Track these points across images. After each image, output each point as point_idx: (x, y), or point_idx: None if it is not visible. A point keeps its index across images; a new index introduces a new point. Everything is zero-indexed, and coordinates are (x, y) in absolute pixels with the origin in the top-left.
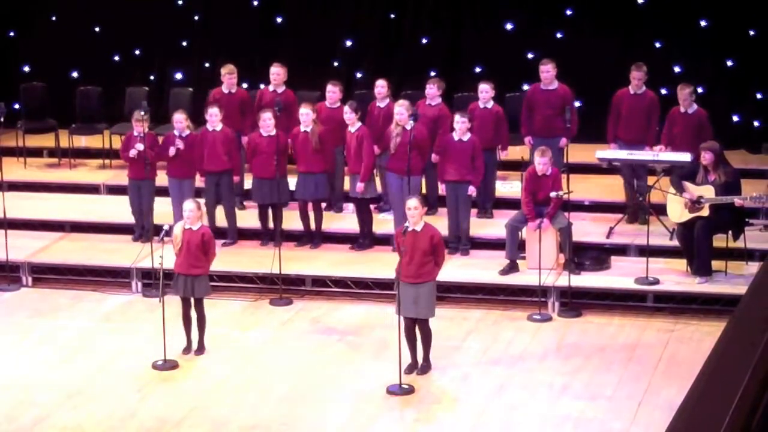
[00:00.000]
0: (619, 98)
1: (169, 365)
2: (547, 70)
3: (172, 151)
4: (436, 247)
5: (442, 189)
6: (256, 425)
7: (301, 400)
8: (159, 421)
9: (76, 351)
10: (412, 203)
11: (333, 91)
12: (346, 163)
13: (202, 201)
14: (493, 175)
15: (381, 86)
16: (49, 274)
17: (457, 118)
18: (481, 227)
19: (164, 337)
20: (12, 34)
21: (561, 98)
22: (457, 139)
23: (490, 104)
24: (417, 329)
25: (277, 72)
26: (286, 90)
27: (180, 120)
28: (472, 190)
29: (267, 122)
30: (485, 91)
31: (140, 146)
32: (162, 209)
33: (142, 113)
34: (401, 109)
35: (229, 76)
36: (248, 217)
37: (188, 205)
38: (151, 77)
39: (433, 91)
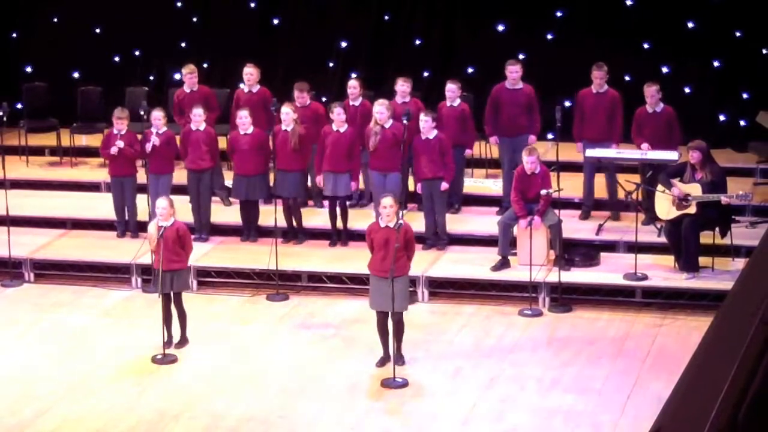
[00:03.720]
0: (582, 98)
1: (169, 359)
2: (516, 71)
3: (148, 147)
4: (409, 242)
5: (418, 188)
6: (253, 417)
7: (298, 392)
8: (158, 413)
9: (77, 345)
10: (387, 202)
11: (301, 97)
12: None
13: (177, 198)
14: (462, 173)
15: (353, 87)
16: (51, 270)
17: (422, 117)
18: (472, 224)
19: (163, 331)
20: (14, 35)
21: (526, 97)
22: (423, 138)
23: (457, 102)
24: (390, 323)
25: (250, 72)
26: (261, 89)
27: (158, 117)
28: (444, 186)
29: (244, 120)
30: (452, 90)
31: (120, 143)
32: (143, 205)
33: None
34: (381, 108)
35: (189, 76)
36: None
37: (161, 202)
38: (151, 77)
39: (404, 89)
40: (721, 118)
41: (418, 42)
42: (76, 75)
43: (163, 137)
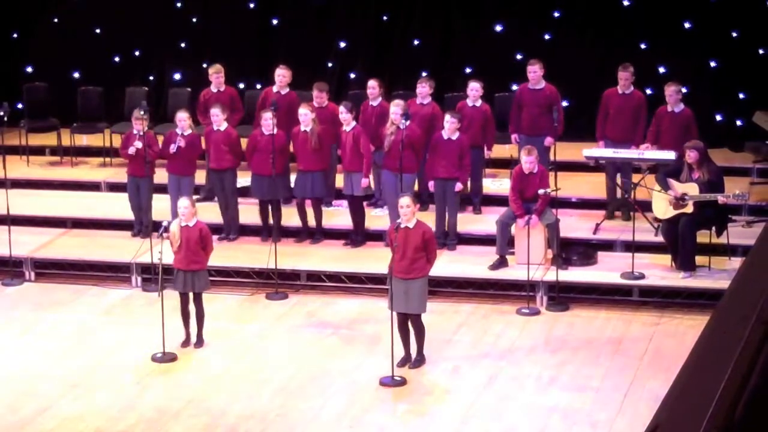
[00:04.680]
0: (608, 98)
1: (168, 357)
2: (534, 71)
3: (173, 148)
4: (428, 243)
5: (431, 185)
6: (252, 416)
7: (297, 391)
8: (158, 411)
9: (78, 344)
10: (405, 201)
11: (320, 96)
12: (340, 161)
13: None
14: (481, 173)
15: (372, 87)
16: (51, 269)
17: (448, 117)
18: (469, 223)
19: (163, 330)
20: (15, 35)
21: (547, 98)
22: (446, 138)
23: (479, 103)
24: (409, 324)
25: (282, 74)
26: (290, 92)
27: (183, 118)
28: (459, 187)
29: (268, 121)
30: (475, 89)
31: (138, 144)
32: (161, 205)
33: (142, 112)
34: (396, 108)
35: (216, 76)
36: (244, 213)
37: (182, 202)
38: (151, 77)
39: (425, 90)
40: (718, 118)
41: (416, 42)
42: (76, 75)
43: (188, 139)
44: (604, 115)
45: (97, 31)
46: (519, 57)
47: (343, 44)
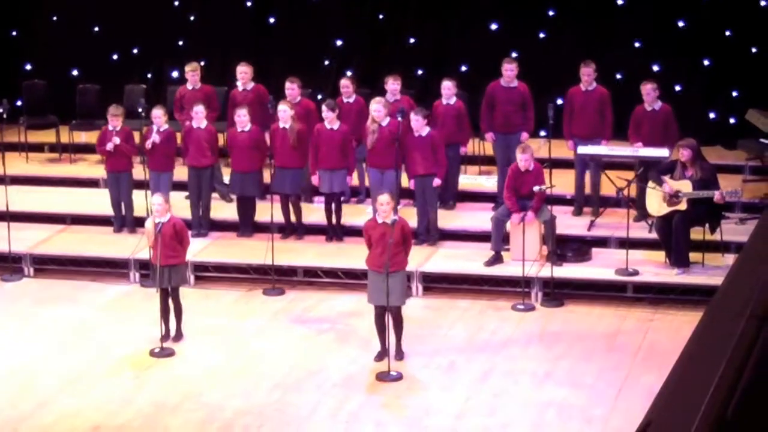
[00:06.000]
0: (571, 95)
1: (166, 353)
2: (511, 69)
3: (148, 144)
4: (406, 238)
5: (411, 183)
6: (249, 410)
7: (293, 386)
8: (156, 406)
9: (76, 339)
10: (384, 199)
11: (291, 88)
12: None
13: (174, 194)
14: (457, 170)
15: (345, 85)
16: (50, 265)
17: (412, 116)
18: (465, 220)
19: (161, 325)
20: (14, 33)
21: (521, 95)
22: (416, 135)
23: (453, 100)
24: (388, 317)
25: (244, 71)
26: (255, 86)
27: (158, 115)
28: (436, 182)
29: (242, 119)
30: (448, 88)
31: (116, 140)
32: (140, 200)
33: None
34: (378, 106)
35: (192, 73)
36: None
37: (156, 199)
38: (149, 75)
39: (396, 87)
40: (711, 115)
41: (411, 40)
42: (75, 73)
43: (163, 135)
44: (569, 113)
45: (96, 29)
46: (514, 55)
47: (339, 42)
